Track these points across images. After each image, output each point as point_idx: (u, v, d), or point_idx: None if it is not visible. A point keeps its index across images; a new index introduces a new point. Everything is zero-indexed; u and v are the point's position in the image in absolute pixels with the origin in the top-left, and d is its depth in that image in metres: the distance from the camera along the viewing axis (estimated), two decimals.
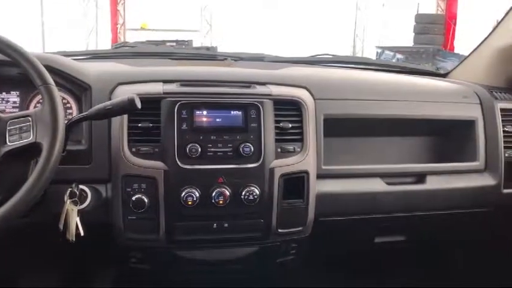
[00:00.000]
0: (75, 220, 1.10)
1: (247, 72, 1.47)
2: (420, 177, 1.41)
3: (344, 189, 1.33)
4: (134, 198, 1.14)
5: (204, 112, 1.18)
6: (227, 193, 1.16)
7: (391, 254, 1.73)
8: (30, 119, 0.97)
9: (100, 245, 1.37)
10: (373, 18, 11.24)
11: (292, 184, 1.23)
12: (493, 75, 1.61)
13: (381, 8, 11.08)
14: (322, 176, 1.30)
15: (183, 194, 1.15)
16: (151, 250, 1.28)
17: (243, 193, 1.17)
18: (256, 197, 1.18)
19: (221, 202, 1.16)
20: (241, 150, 1.17)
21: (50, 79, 0.99)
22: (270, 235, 1.25)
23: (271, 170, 1.20)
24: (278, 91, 1.26)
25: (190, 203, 1.15)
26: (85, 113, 1.06)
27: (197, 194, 1.15)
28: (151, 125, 1.16)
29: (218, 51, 2.44)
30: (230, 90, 1.25)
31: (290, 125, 1.23)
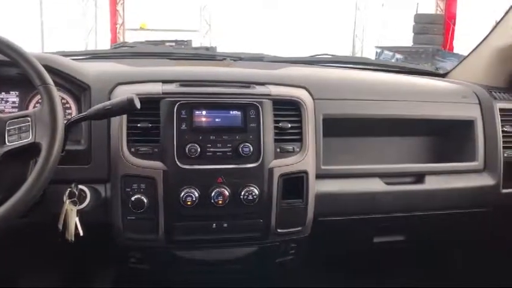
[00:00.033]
0: (74, 220, 1.10)
1: (246, 72, 1.47)
2: (419, 177, 1.41)
3: (343, 189, 1.33)
4: (133, 198, 1.14)
5: (204, 112, 1.18)
6: (226, 193, 1.16)
7: (390, 254, 1.73)
8: (29, 119, 0.97)
9: (99, 245, 1.37)
10: (372, 18, 11.23)
11: (291, 184, 1.23)
12: (492, 75, 1.61)
13: (380, 8, 11.08)
14: (321, 176, 1.30)
15: (182, 194, 1.15)
16: (150, 250, 1.28)
17: (242, 193, 1.17)
18: (255, 197, 1.18)
19: (220, 202, 1.16)
20: (240, 150, 1.17)
21: (49, 79, 0.99)
22: (269, 235, 1.25)
23: (270, 170, 1.20)
24: (277, 91, 1.26)
25: (189, 203, 1.15)
26: (84, 113, 1.06)
27: (196, 194, 1.15)
28: (150, 125, 1.16)
29: (217, 51, 2.44)
30: (229, 90, 1.25)
31: (289, 125, 1.23)
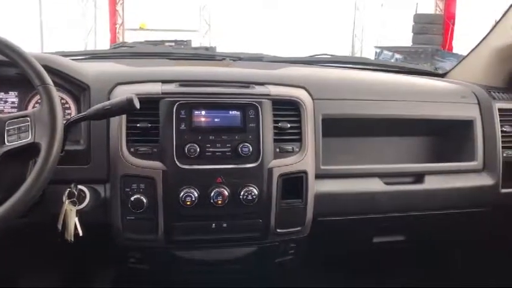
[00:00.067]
0: (73, 220, 1.10)
1: (245, 72, 1.47)
2: (418, 177, 1.41)
3: (342, 189, 1.33)
4: (133, 198, 1.14)
5: (203, 112, 1.18)
6: (226, 193, 1.16)
7: (390, 254, 1.73)
8: (28, 119, 0.97)
9: (99, 245, 1.37)
10: (371, 18, 11.25)
11: (290, 184, 1.23)
12: (491, 75, 1.61)
13: (380, 8, 11.09)
14: (320, 176, 1.30)
15: (182, 194, 1.15)
16: (150, 250, 1.28)
17: (242, 193, 1.17)
18: (254, 197, 1.17)
19: (220, 202, 1.16)
20: (239, 150, 1.17)
21: (49, 79, 0.99)
22: (269, 235, 1.25)
23: (269, 170, 1.20)
24: (276, 91, 1.26)
25: (188, 203, 1.15)
26: (84, 113, 1.06)
27: (196, 194, 1.15)
28: (149, 125, 1.16)
29: (217, 51, 2.43)
30: (229, 90, 1.25)
31: (289, 125, 1.23)
